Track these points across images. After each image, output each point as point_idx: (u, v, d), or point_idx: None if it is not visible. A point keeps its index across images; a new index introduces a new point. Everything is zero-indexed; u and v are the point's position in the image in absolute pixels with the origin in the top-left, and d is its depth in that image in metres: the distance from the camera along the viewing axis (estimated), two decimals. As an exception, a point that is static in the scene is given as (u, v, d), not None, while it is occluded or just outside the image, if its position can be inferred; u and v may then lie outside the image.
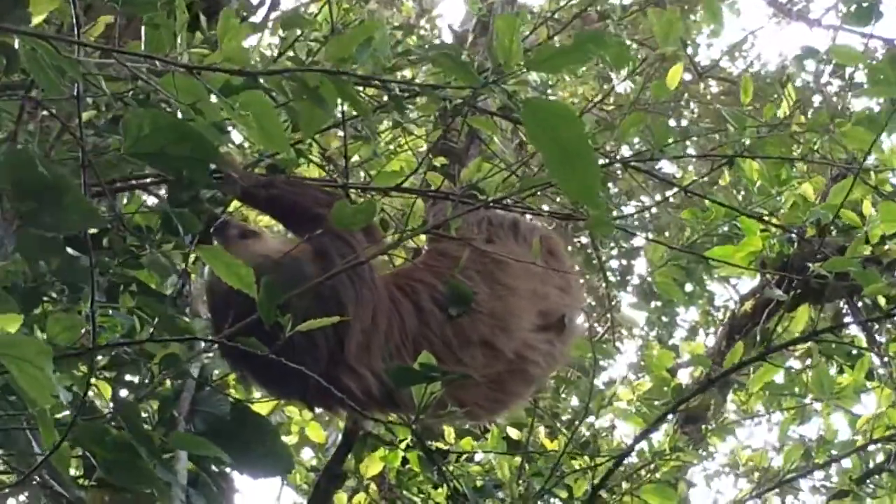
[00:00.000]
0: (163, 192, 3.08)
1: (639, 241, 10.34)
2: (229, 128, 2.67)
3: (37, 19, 2.38)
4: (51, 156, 2.61)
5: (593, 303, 10.25)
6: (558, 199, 3.78)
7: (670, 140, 3.39)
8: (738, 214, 4.37)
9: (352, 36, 2.41)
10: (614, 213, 3.65)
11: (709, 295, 9.49)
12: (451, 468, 5.59)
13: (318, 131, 3.10)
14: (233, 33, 2.41)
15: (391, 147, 4.52)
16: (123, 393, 2.93)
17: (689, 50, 10.20)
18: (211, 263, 2.67)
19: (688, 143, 3.85)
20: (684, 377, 7.01)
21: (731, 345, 7.36)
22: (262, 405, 5.38)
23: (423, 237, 3.42)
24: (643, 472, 5.30)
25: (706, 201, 4.38)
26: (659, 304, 10.61)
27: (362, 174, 4.14)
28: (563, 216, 3.86)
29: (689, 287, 10.12)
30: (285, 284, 2.50)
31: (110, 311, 2.59)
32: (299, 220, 2.99)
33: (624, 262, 11.01)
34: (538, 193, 3.85)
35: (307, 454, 6.30)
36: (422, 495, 5.50)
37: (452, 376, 2.59)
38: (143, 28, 2.64)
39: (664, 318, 10.55)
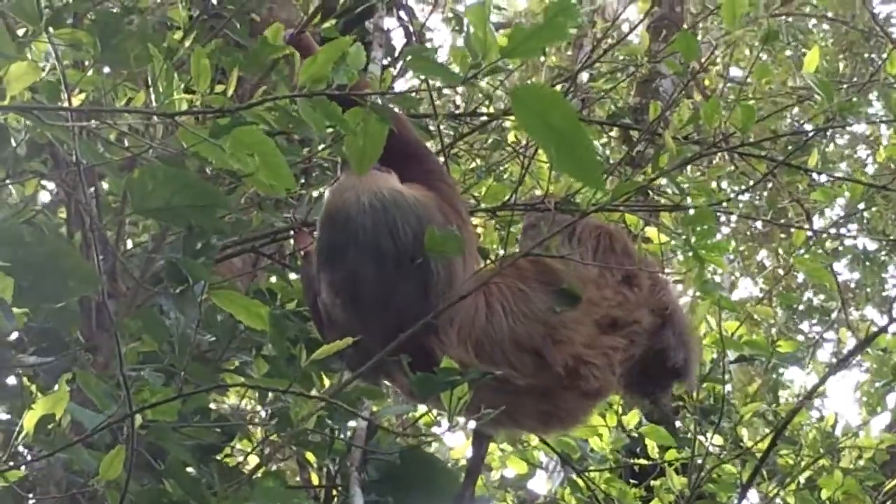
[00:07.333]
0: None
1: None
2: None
3: (14, 92, 2.39)
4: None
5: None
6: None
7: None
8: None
9: (325, 55, 2.31)
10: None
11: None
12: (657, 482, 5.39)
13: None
14: (205, 75, 2.36)
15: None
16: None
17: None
18: (227, 307, 2.61)
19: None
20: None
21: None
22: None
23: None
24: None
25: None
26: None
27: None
28: (671, 207, 3.66)
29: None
30: (416, 224, 2.68)
31: (142, 373, 2.56)
32: (404, 151, 2.92)
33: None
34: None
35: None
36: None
37: (473, 375, 2.47)
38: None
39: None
